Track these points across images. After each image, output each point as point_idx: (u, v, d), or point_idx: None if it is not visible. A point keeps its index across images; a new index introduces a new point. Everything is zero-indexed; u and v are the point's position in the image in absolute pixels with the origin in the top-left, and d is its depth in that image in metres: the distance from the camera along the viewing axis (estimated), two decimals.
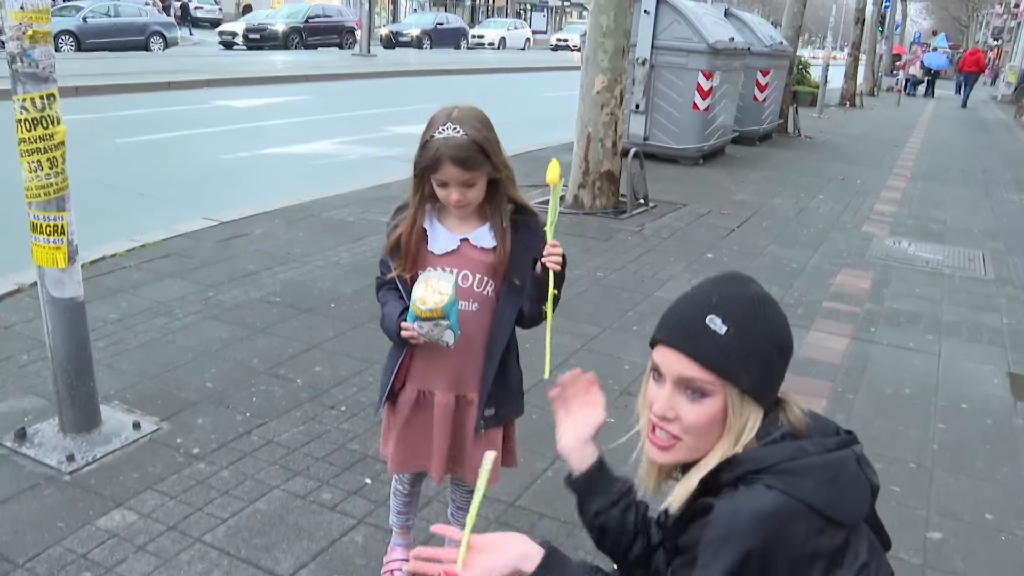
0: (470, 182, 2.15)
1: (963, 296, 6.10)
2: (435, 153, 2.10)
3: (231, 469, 3.24)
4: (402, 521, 2.69)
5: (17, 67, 2.93)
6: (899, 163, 13.00)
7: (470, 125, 2.12)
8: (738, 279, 1.55)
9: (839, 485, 1.42)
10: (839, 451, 1.46)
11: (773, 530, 1.36)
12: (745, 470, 1.42)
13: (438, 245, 2.27)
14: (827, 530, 1.39)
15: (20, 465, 3.20)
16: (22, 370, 3.97)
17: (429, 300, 2.07)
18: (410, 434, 2.41)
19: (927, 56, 34.94)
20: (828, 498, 1.39)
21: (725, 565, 1.37)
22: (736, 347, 1.44)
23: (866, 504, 1.46)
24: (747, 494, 1.40)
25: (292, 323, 4.67)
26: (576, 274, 5.90)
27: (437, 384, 2.35)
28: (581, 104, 7.95)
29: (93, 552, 2.73)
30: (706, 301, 1.48)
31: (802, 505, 1.37)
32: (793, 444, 1.45)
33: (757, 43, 12.42)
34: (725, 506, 1.41)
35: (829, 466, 1.43)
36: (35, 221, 3.12)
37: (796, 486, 1.38)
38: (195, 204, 7.30)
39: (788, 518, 1.37)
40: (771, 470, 1.40)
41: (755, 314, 1.48)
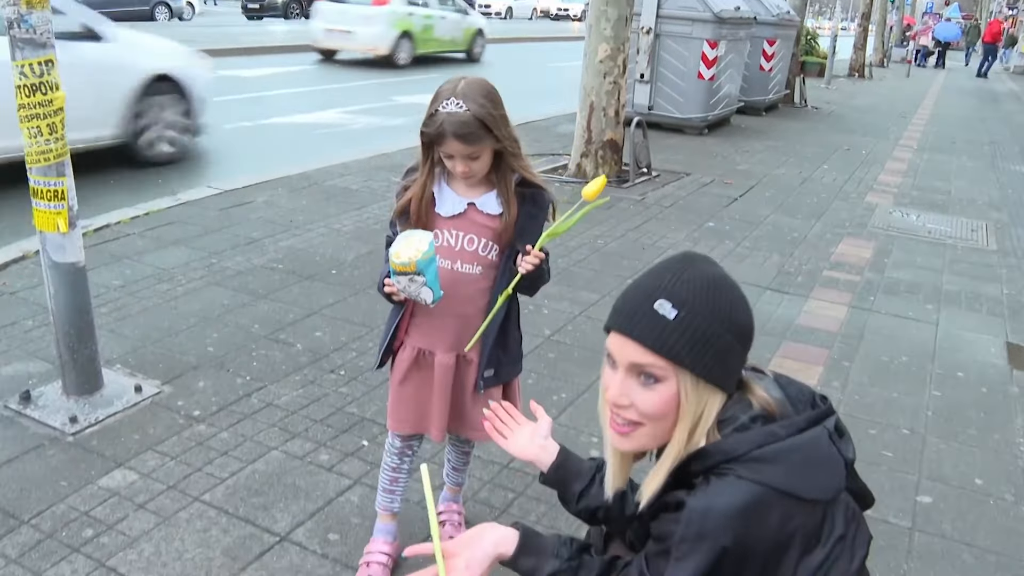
0: (473, 155, 2.18)
1: (964, 266, 6.11)
2: (439, 127, 2.14)
3: (231, 431, 3.29)
4: (387, 502, 2.63)
5: (15, 33, 2.95)
6: (906, 134, 12.94)
7: (474, 100, 2.14)
8: (693, 260, 1.50)
9: (811, 466, 1.42)
10: (810, 430, 1.45)
11: (746, 525, 1.37)
12: (715, 461, 1.42)
13: (445, 208, 2.30)
14: (803, 510, 1.40)
15: (24, 426, 3.26)
16: (27, 335, 4.02)
17: (403, 254, 2.10)
18: (406, 393, 2.45)
19: (938, 27, 34.56)
20: (801, 481, 1.40)
21: (700, 563, 1.38)
22: (686, 332, 1.41)
23: (839, 479, 1.46)
24: (718, 487, 1.40)
25: (293, 289, 4.71)
26: (577, 242, 5.93)
27: (438, 344, 2.39)
28: (584, 73, 7.93)
29: (95, 510, 2.79)
30: (656, 285, 1.46)
31: (775, 492, 1.38)
32: (763, 430, 1.43)
33: (764, 12, 12.33)
34: (697, 502, 1.41)
35: (800, 448, 1.42)
36: (36, 187, 3.16)
37: (767, 474, 1.38)
38: (199, 173, 7.33)
39: (761, 510, 1.37)
40: (741, 459, 1.40)
41: (708, 297, 1.44)
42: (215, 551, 2.63)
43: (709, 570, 1.38)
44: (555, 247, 5.71)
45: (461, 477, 2.77)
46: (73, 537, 2.66)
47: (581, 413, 3.57)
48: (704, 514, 1.39)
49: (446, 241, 2.31)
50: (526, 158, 2.33)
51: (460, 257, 2.30)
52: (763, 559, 1.39)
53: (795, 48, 14.94)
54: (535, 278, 2.28)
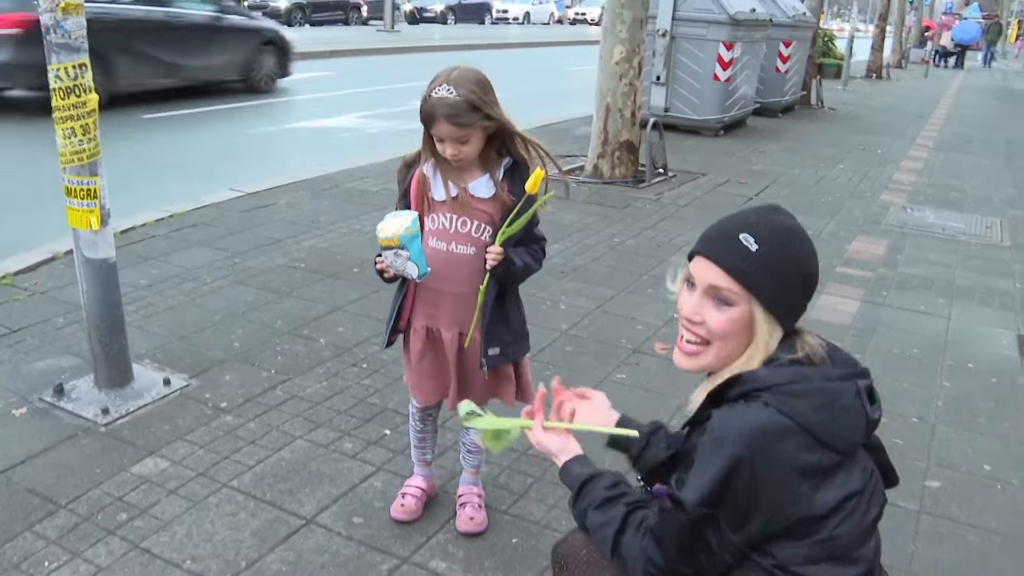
0: (463, 138, 2.32)
1: (978, 262, 6.15)
2: (430, 110, 2.30)
3: (257, 421, 3.40)
4: (419, 455, 2.89)
5: (51, 38, 3.08)
6: (923, 134, 12.95)
7: (464, 87, 2.29)
8: (778, 210, 1.67)
9: (833, 411, 1.52)
10: (841, 381, 1.57)
11: (763, 442, 1.48)
12: (749, 388, 1.54)
13: (439, 192, 2.45)
14: (818, 450, 1.50)
15: (59, 418, 3.38)
16: (59, 332, 4.15)
17: (388, 229, 2.27)
18: (423, 367, 2.62)
19: (956, 29, 34.47)
20: (820, 421, 1.50)
21: (715, 469, 1.50)
22: (763, 264, 1.57)
23: (858, 433, 1.57)
24: (744, 408, 1.53)
25: (316, 287, 4.83)
26: (593, 240, 6.03)
27: (441, 322, 2.55)
28: (600, 75, 8.02)
29: (129, 495, 2.91)
30: (744, 222, 1.62)
31: (794, 423, 1.49)
32: (798, 369, 1.56)
33: (779, 14, 12.38)
34: (722, 416, 1.55)
35: (826, 392, 1.54)
36: (69, 186, 3.28)
37: (791, 406, 1.50)
38: (222, 176, 7.47)
39: (779, 433, 1.48)
40: (772, 389, 1.52)
41: (786, 240, 1.60)
42: (244, 533, 2.74)
43: (725, 478, 1.49)
44: (573, 245, 5.86)
45: (477, 459, 2.87)
46: (108, 520, 2.77)
47: None
48: (726, 425, 1.52)
49: (441, 224, 2.46)
50: (525, 138, 2.45)
51: (455, 239, 2.45)
52: (776, 483, 1.48)
53: (811, 50, 14.97)
54: (506, 272, 2.40)
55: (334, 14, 32.46)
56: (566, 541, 1.90)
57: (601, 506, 1.70)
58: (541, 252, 2.56)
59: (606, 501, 1.71)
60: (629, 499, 1.70)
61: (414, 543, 2.72)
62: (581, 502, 1.74)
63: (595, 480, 1.75)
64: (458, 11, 38.86)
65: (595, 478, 1.75)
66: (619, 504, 1.69)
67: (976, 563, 2.81)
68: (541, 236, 2.58)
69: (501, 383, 2.66)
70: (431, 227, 2.47)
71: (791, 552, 1.54)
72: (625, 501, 1.70)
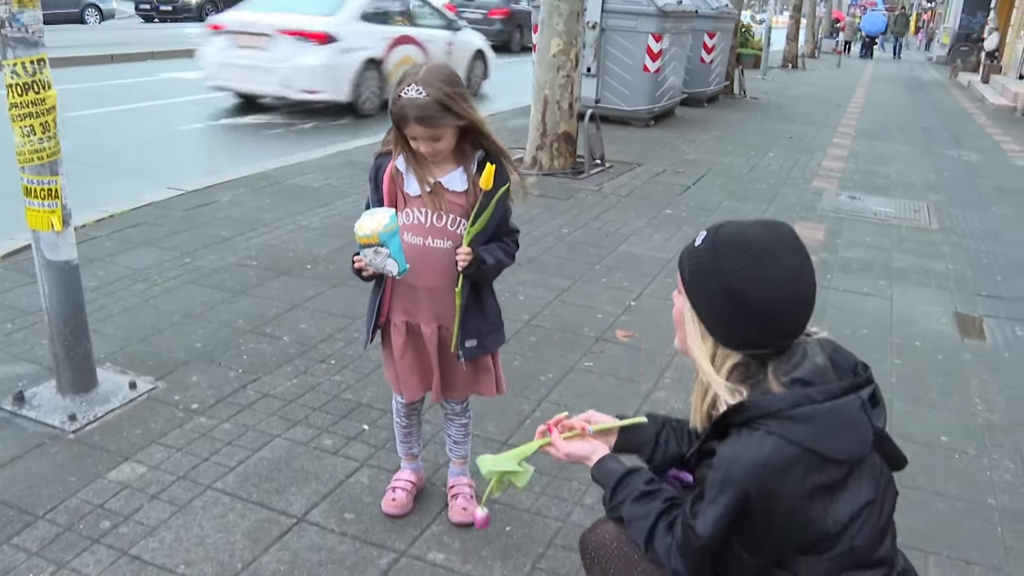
0: (435, 137, 2.34)
1: (911, 245, 6.39)
2: (401, 112, 2.30)
3: (232, 421, 3.36)
4: (406, 449, 2.90)
5: (6, 32, 2.98)
6: (843, 122, 13.36)
7: (433, 85, 2.29)
8: (769, 226, 1.64)
9: (839, 429, 1.53)
10: (844, 397, 1.56)
11: (768, 476, 1.50)
12: (751, 415, 1.55)
13: (413, 187, 2.46)
14: (827, 468, 1.52)
15: (23, 427, 3.28)
16: (8, 338, 4.01)
17: (366, 226, 2.26)
18: (406, 362, 2.62)
19: (864, 20, 35.56)
20: (827, 441, 1.51)
21: (723, 505, 1.53)
22: (694, 262, 1.63)
23: (865, 445, 1.57)
24: (748, 440, 1.53)
25: (272, 285, 4.76)
26: (541, 231, 6.07)
27: (420, 317, 2.56)
28: (537, 67, 8.07)
29: (109, 502, 2.84)
30: (723, 223, 1.67)
31: (800, 449, 1.50)
32: (800, 392, 1.54)
33: (703, 6, 12.61)
34: (726, 451, 1.56)
35: (831, 413, 1.53)
36: (29, 185, 3.18)
37: (796, 432, 1.50)
38: (156, 175, 7.29)
39: (785, 464, 1.50)
40: (775, 416, 1.52)
41: (728, 252, 1.58)
42: (235, 535, 2.71)
43: (735, 513, 1.53)
44: (523, 237, 5.82)
45: (463, 449, 2.89)
46: (91, 529, 2.71)
47: (568, 391, 3.71)
48: (732, 461, 1.54)
49: (416, 219, 2.47)
50: (494, 133, 2.48)
51: (431, 233, 2.46)
52: (789, 508, 1.52)
53: (733, 40, 15.27)
54: (477, 271, 2.43)
55: None
56: (595, 533, 1.92)
57: (639, 499, 1.74)
58: (514, 245, 2.59)
59: (644, 495, 1.75)
60: (666, 495, 1.74)
61: (409, 536, 2.73)
62: (619, 494, 1.77)
63: (634, 474, 1.79)
64: None
65: (634, 472, 1.79)
66: (657, 500, 1.73)
67: (945, 529, 2.95)
68: (514, 228, 2.60)
69: (480, 375, 2.69)
70: (406, 222, 2.47)
71: (812, 568, 1.57)
72: (663, 497, 1.74)
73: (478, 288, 2.55)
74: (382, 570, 2.58)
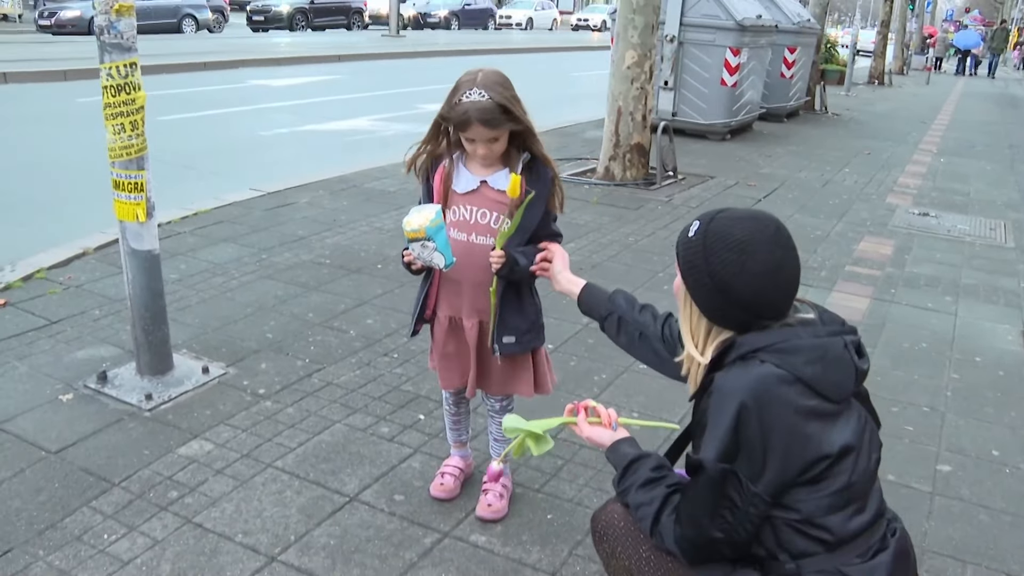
0: (495, 138, 2.47)
1: (982, 262, 6.30)
2: (464, 115, 2.42)
3: (295, 407, 3.55)
4: (455, 437, 3.03)
5: (104, 38, 3.23)
6: (926, 139, 13.11)
7: (494, 90, 2.41)
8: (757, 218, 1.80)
9: (825, 363, 1.68)
10: (829, 337, 1.73)
11: (765, 390, 1.63)
12: (744, 350, 1.70)
13: (461, 185, 2.59)
14: (815, 399, 1.66)
15: (104, 403, 3.52)
16: (96, 323, 4.29)
17: (414, 222, 2.41)
18: (448, 354, 2.77)
19: (957, 36, 34.60)
20: (814, 373, 1.66)
21: (725, 423, 1.65)
22: (687, 250, 1.80)
23: (849, 381, 1.72)
24: (742, 367, 1.69)
25: (343, 282, 4.97)
26: (608, 239, 6.17)
27: (462, 311, 2.69)
28: (612, 79, 8.18)
29: (177, 475, 3.05)
30: (715, 212, 1.82)
31: (790, 375, 1.64)
32: (787, 330, 1.72)
33: (784, 20, 12.54)
34: (722, 377, 1.71)
35: (816, 347, 1.69)
36: (117, 179, 3.42)
37: (785, 360, 1.66)
38: (240, 177, 7.62)
39: (778, 381, 1.64)
40: (766, 349, 1.68)
41: (714, 242, 1.75)
42: (291, 509, 2.88)
43: (735, 429, 1.64)
44: (590, 244, 6.01)
45: (503, 448, 2.95)
46: (160, 497, 2.91)
47: (620, 391, 3.81)
48: (727, 383, 1.69)
49: (461, 216, 2.59)
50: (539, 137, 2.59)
51: (475, 230, 2.58)
52: (784, 426, 1.63)
53: (815, 56, 15.13)
54: (511, 272, 2.53)
55: (336, 19, 32.50)
56: (605, 511, 2.03)
57: (644, 486, 1.85)
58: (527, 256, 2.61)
59: (649, 482, 1.85)
60: (671, 482, 1.85)
61: (454, 519, 2.86)
62: (626, 479, 1.89)
63: (642, 460, 1.90)
64: (461, 16, 39.09)
65: (642, 458, 1.90)
66: (661, 486, 1.84)
67: (987, 540, 2.95)
68: (557, 232, 2.68)
69: (518, 374, 2.76)
70: (452, 219, 2.59)
71: (815, 504, 1.68)
72: (667, 483, 1.84)
73: (518, 287, 2.65)
74: (426, 548, 2.71)
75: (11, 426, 3.31)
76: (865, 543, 1.73)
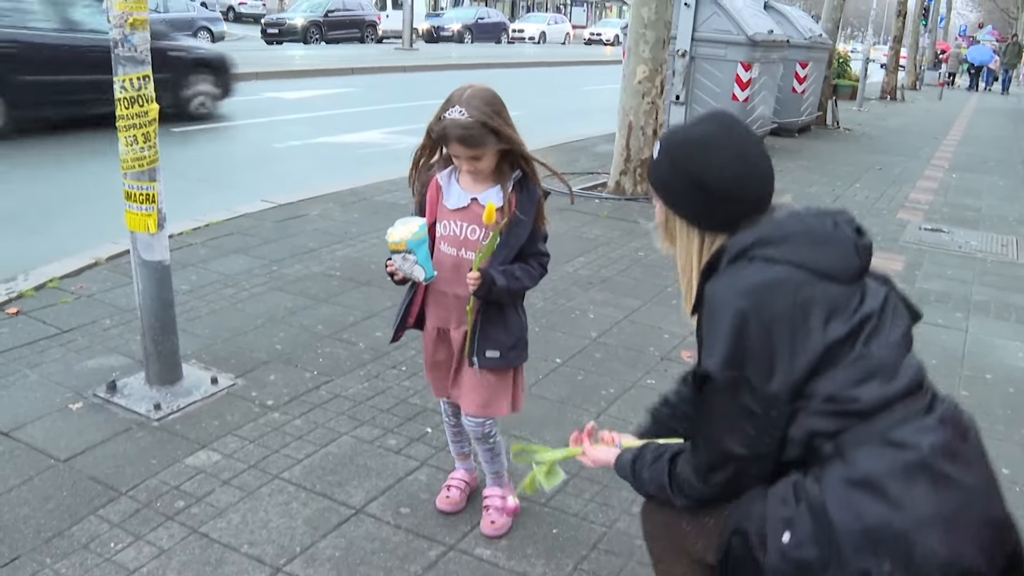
0: (475, 156, 2.47)
1: (994, 278, 6.27)
2: (443, 132, 2.45)
3: (303, 418, 3.56)
4: (457, 449, 3.03)
5: (119, 51, 3.26)
6: (937, 154, 13.08)
7: (477, 107, 2.41)
8: (704, 120, 1.85)
9: (815, 243, 1.68)
10: (815, 219, 1.73)
11: (759, 291, 1.62)
12: (733, 252, 1.70)
13: (452, 201, 2.61)
14: (817, 284, 1.63)
15: (113, 412, 3.54)
16: (106, 332, 4.32)
17: (396, 234, 2.44)
18: (439, 363, 2.78)
19: (970, 51, 34.53)
20: (808, 255, 1.65)
21: (725, 330, 1.63)
22: (657, 170, 1.84)
23: (848, 256, 1.69)
24: (731, 272, 1.68)
25: (352, 294, 4.99)
26: (618, 253, 6.18)
27: (451, 322, 2.70)
28: (623, 93, 8.20)
29: (184, 484, 3.06)
30: (665, 134, 1.88)
31: (784, 264, 1.63)
32: (770, 220, 1.74)
33: (796, 35, 12.54)
34: (712, 285, 1.70)
35: (805, 231, 1.70)
36: (129, 190, 3.45)
37: (776, 251, 1.65)
38: (252, 188, 7.66)
39: (773, 280, 1.63)
40: (754, 246, 1.68)
41: (677, 151, 1.80)
42: (297, 521, 2.89)
43: (736, 333, 1.61)
44: (600, 258, 6.01)
45: (494, 466, 2.94)
46: (167, 507, 2.93)
47: (628, 405, 3.80)
48: (719, 291, 1.68)
49: (452, 231, 2.61)
50: (531, 156, 2.59)
51: (464, 245, 2.59)
52: (785, 322, 1.60)
53: (827, 71, 15.12)
54: (488, 293, 2.52)
55: (349, 32, 32.63)
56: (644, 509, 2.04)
57: (652, 464, 1.86)
58: (539, 267, 2.65)
59: (655, 459, 1.87)
60: (674, 449, 1.86)
61: (459, 532, 2.87)
62: (637, 472, 1.89)
63: (643, 450, 1.92)
64: (475, 30, 39.26)
65: (643, 449, 1.92)
66: (665, 456, 1.85)
67: None
68: (543, 252, 2.67)
69: (498, 391, 2.71)
70: (443, 233, 2.61)
71: (832, 381, 1.61)
72: (670, 452, 1.85)
73: (500, 307, 2.64)
74: (431, 561, 2.72)
75: (21, 434, 3.33)
76: (904, 409, 1.64)
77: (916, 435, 1.60)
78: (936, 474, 1.57)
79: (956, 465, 1.60)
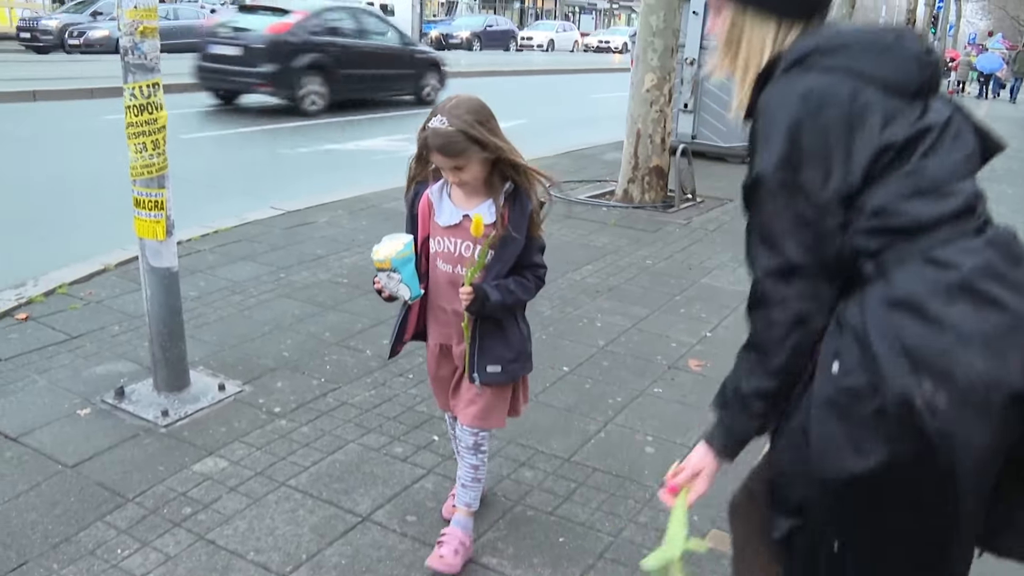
0: (458, 166, 2.43)
1: None
2: (424, 142, 2.44)
3: (310, 426, 3.56)
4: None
5: (128, 59, 3.28)
6: None
7: (459, 117, 2.38)
8: None
9: (875, 51, 1.60)
10: (879, 31, 1.65)
11: (815, 98, 1.56)
12: (789, 61, 1.63)
13: (443, 218, 2.58)
14: (875, 93, 1.56)
15: (121, 418, 3.55)
16: (115, 339, 4.33)
17: (381, 252, 2.42)
18: (442, 377, 2.79)
19: (980, 59, 34.43)
20: (867, 63, 1.58)
21: (779, 134, 1.57)
22: None
23: (910, 68, 1.61)
24: (785, 80, 1.61)
25: (360, 302, 4.99)
26: (626, 262, 6.17)
27: (452, 338, 2.69)
28: (631, 101, 8.20)
29: (191, 491, 3.06)
30: None
31: (840, 72, 1.57)
32: (832, 28, 1.66)
33: None
34: (767, 94, 1.63)
35: (864, 39, 1.62)
36: (138, 197, 3.47)
37: (834, 60, 1.58)
38: (261, 195, 7.67)
39: (828, 86, 1.56)
40: (812, 53, 1.60)
41: None
42: (303, 528, 2.89)
43: (791, 137, 1.56)
44: (608, 266, 6.01)
45: (468, 495, 2.78)
46: (174, 513, 2.93)
47: (635, 414, 3.79)
48: (773, 98, 1.61)
49: (446, 248, 2.59)
50: (526, 165, 2.53)
51: (459, 262, 2.56)
52: (842, 123, 1.54)
53: None
54: (481, 308, 2.50)
55: None
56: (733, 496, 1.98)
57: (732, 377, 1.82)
58: (534, 279, 2.61)
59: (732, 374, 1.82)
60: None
61: None
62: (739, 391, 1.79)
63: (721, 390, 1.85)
64: (483, 37, 39.32)
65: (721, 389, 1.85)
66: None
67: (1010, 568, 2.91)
68: (539, 263, 2.63)
69: (496, 404, 2.69)
70: (437, 249, 2.59)
71: (883, 192, 1.55)
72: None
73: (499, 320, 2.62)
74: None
75: (29, 439, 3.34)
76: (951, 230, 1.55)
77: (959, 255, 1.52)
78: (979, 295, 1.49)
79: (1004, 288, 1.51)
